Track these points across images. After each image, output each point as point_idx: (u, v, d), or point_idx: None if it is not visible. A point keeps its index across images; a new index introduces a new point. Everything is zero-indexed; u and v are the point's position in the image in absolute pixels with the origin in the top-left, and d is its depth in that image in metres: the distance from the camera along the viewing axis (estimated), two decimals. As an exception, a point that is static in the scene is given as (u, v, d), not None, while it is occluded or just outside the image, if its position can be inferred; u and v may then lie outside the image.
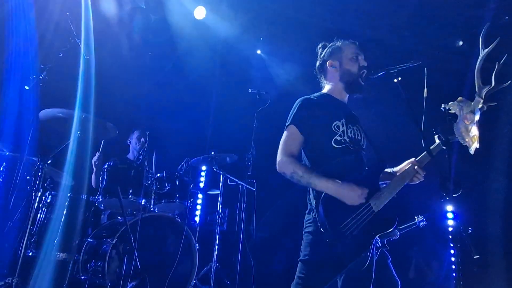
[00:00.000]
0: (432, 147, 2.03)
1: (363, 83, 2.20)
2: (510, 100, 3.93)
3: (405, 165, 2.20)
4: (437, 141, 2.03)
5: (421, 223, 3.67)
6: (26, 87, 3.36)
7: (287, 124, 2.09)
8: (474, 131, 1.95)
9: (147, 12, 4.96)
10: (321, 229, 1.82)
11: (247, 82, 5.25)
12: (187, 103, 5.86)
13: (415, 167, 2.08)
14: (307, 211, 2.06)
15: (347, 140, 2.06)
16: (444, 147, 1.99)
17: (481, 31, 1.99)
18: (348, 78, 2.21)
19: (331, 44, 2.33)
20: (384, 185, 2.08)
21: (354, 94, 2.26)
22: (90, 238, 3.58)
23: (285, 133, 2.09)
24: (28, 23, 4.15)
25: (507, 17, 4.42)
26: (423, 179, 2.13)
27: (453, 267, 4.39)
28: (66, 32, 3.54)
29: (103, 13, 4.55)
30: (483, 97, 1.96)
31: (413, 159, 2.14)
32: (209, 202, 5.07)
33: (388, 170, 2.28)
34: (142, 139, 4.54)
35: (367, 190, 1.89)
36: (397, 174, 2.16)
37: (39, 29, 4.22)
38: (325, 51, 2.32)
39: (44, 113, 3.55)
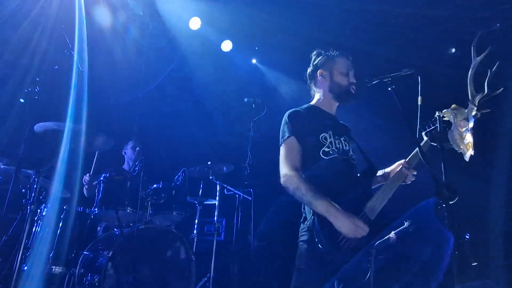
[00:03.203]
0: (421, 144, 2.06)
1: (353, 92, 2.22)
2: (503, 106, 3.97)
3: (395, 166, 2.23)
4: (425, 138, 2.09)
5: (411, 228, 3.68)
6: (21, 100, 3.35)
7: (285, 137, 2.09)
8: (469, 138, 1.97)
9: (144, 21, 4.98)
10: (319, 245, 1.80)
11: (243, 91, 5.27)
12: (183, 113, 5.86)
13: (404, 168, 2.10)
14: (301, 220, 2.06)
15: (335, 150, 2.07)
16: (433, 143, 2.04)
17: (473, 38, 2.02)
18: (337, 90, 2.24)
19: (326, 53, 2.34)
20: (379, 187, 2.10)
21: (343, 103, 2.28)
22: (86, 251, 3.54)
23: (283, 146, 2.08)
24: (22, 35, 4.16)
25: (498, 25, 4.49)
26: (414, 179, 2.15)
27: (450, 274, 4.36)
28: (61, 45, 3.55)
29: (97, 22, 4.56)
30: (477, 104, 1.99)
31: (402, 160, 2.17)
32: (206, 212, 5.04)
33: (379, 172, 2.29)
34: (137, 149, 4.52)
35: (368, 229, 1.86)
36: (389, 175, 2.18)
37: (33, 42, 4.23)
38: (318, 59, 2.34)
39: (40, 125, 3.54)
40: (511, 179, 4.43)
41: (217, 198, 4.55)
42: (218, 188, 4.57)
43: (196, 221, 4.63)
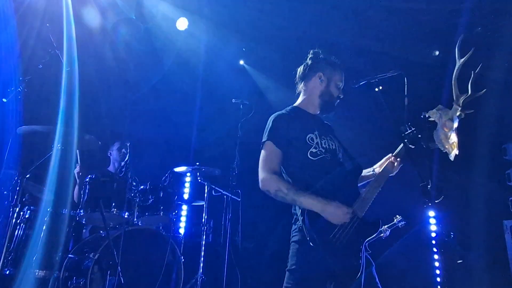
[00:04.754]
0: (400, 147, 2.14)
1: (335, 106, 2.27)
2: (486, 106, 4.07)
3: (383, 161, 2.27)
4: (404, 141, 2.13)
5: (400, 223, 3.74)
6: (4, 100, 3.28)
7: (263, 141, 2.10)
8: (453, 138, 2.01)
9: (133, 22, 4.93)
10: (311, 243, 1.81)
11: (230, 92, 5.27)
12: (171, 114, 5.82)
13: (392, 162, 2.16)
14: (293, 221, 2.06)
15: (323, 151, 2.08)
16: (411, 146, 2.07)
17: (456, 40, 2.06)
18: (327, 98, 2.25)
19: (328, 57, 2.32)
20: (365, 184, 2.13)
21: (325, 113, 2.31)
22: (71, 254, 3.48)
23: (263, 150, 2.09)
24: (7, 34, 4.07)
25: (479, 28, 4.60)
26: (398, 170, 2.20)
27: (437, 271, 4.45)
28: (47, 44, 3.49)
29: (86, 23, 4.50)
30: (461, 105, 2.03)
31: (390, 154, 2.23)
32: (194, 213, 5.01)
33: (367, 170, 2.32)
34: (123, 151, 4.47)
35: (352, 210, 1.90)
36: (377, 171, 2.22)
37: (19, 41, 4.14)
38: (318, 59, 2.30)
39: (24, 128, 3.46)
40: (491, 178, 4.54)
41: (205, 199, 4.53)
42: (206, 189, 4.55)
43: (184, 222, 4.59)
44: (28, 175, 3.31)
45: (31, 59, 3.86)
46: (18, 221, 3.39)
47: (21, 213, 3.45)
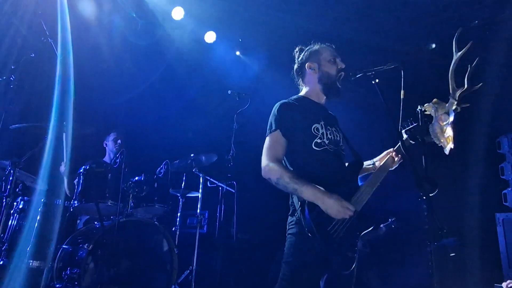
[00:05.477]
0: (403, 139, 2.13)
1: (340, 86, 2.22)
2: (482, 100, 4.08)
3: (384, 155, 2.29)
4: (405, 135, 2.17)
5: (393, 224, 3.83)
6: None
7: (271, 129, 2.07)
8: (449, 132, 2.01)
9: (130, 16, 4.86)
10: (309, 234, 1.81)
11: (226, 83, 5.23)
12: (166, 105, 5.78)
13: (392, 157, 2.19)
14: (289, 213, 2.06)
15: (327, 142, 2.08)
16: (412, 141, 2.12)
17: (453, 34, 2.05)
18: (326, 80, 2.22)
19: (308, 47, 2.34)
20: (365, 176, 2.14)
21: (331, 96, 2.28)
22: (65, 245, 3.47)
23: (268, 138, 2.07)
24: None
25: (476, 21, 4.58)
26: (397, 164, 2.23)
27: (430, 264, 4.48)
28: (40, 32, 3.43)
29: (83, 13, 4.43)
30: (457, 98, 2.02)
31: (391, 149, 2.25)
32: (189, 204, 5.01)
33: (368, 162, 2.33)
34: (119, 141, 4.44)
35: (354, 209, 1.89)
36: (378, 165, 2.24)
37: (11, 29, 4.07)
38: (303, 54, 2.33)
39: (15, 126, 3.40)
40: (485, 171, 4.57)
41: (200, 191, 4.52)
42: (201, 181, 4.54)
43: (179, 213, 4.59)
44: (21, 166, 3.28)
45: (23, 47, 3.79)
46: (11, 212, 3.38)
47: (15, 203, 3.43)
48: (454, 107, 2.02)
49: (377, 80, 2.06)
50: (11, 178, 3.18)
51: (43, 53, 3.43)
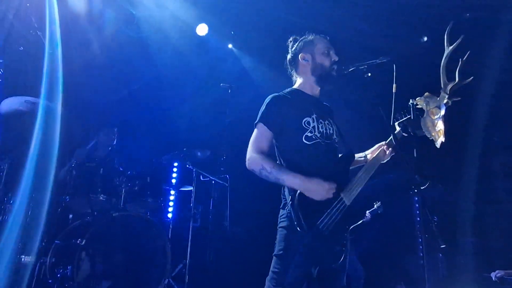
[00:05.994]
0: (395, 132, 2.18)
1: (335, 74, 2.20)
2: (473, 94, 4.11)
3: (376, 148, 2.30)
4: (398, 128, 2.19)
5: (379, 210, 3.84)
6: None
7: (256, 122, 2.09)
8: (440, 125, 2.03)
9: (123, 8, 4.78)
10: (298, 228, 1.83)
11: (219, 76, 5.20)
12: (159, 99, 5.74)
13: (384, 151, 2.20)
14: (281, 206, 2.07)
15: (318, 135, 2.07)
16: (404, 134, 2.15)
17: (444, 27, 2.06)
18: (320, 71, 2.21)
19: (303, 37, 2.32)
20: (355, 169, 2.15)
21: (326, 86, 2.27)
22: (57, 240, 3.45)
23: (254, 131, 2.09)
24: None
25: (468, 14, 4.60)
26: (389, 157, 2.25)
27: (421, 255, 4.56)
28: (28, 25, 3.36)
29: (73, 7, 4.34)
30: (448, 92, 2.04)
31: (383, 142, 2.26)
32: (182, 198, 5.01)
33: (359, 155, 2.34)
34: (112, 136, 4.40)
35: (335, 184, 1.91)
36: (369, 158, 2.26)
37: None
38: (296, 44, 2.31)
39: (6, 106, 3.35)
40: (477, 163, 4.62)
41: (193, 185, 4.52)
42: (194, 175, 4.54)
43: (172, 207, 4.59)
44: (11, 160, 3.24)
45: (9, 40, 3.72)
46: (1, 206, 3.34)
47: (5, 198, 3.40)
48: (445, 101, 2.04)
49: (369, 74, 2.07)
50: (1, 174, 3.14)
51: (31, 46, 3.37)
